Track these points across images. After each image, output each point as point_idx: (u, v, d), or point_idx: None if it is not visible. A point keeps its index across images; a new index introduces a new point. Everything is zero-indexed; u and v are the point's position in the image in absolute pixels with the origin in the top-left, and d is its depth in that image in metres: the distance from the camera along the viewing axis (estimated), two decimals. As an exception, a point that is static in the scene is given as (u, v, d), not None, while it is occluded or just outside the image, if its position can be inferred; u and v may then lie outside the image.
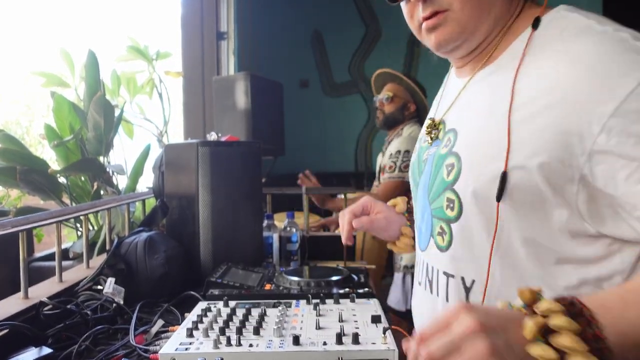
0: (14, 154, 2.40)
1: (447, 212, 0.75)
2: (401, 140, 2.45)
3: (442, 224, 0.77)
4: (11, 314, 1.02)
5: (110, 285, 1.14)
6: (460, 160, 0.73)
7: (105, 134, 2.58)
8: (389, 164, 2.43)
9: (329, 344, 0.86)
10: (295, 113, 3.24)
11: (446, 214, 0.75)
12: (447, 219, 0.76)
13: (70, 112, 2.61)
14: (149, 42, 3.34)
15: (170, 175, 1.53)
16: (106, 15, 7.61)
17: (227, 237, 1.43)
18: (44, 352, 0.91)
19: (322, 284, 1.24)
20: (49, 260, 2.32)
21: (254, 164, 1.53)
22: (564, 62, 0.64)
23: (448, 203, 0.75)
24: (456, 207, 0.73)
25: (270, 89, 2.16)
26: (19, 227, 1.12)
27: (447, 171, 0.75)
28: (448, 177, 0.75)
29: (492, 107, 0.71)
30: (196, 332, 0.92)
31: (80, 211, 1.44)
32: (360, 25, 4.56)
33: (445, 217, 0.76)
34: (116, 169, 2.75)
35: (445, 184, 0.75)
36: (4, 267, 1.79)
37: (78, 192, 2.62)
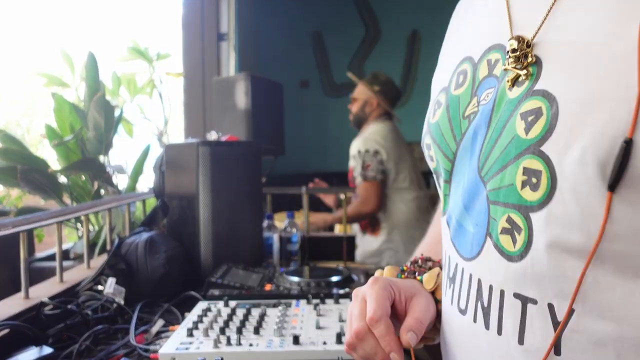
0: (14, 153, 2.40)
1: (525, 192, 0.45)
2: (360, 141, 2.47)
3: (513, 214, 0.47)
4: (12, 313, 1.02)
5: (111, 286, 1.14)
6: (555, 102, 0.43)
7: (105, 134, 2.58)
8: (355, 166, 2.46)
9: (328, 343, 0.87)
10: (295, 113, 3.25)
11: (522, 196, 0.46)
12: (523, 205, 0.46)
13: (71, 112, 2.61)
14: (150, 43, 3.35)
15: (170, 175, 1.53)
16: (107, 16, 7.62)
17: (227, 237, 1.43)
18: (44, 351, 0.91)
19: (322, 284, 1.24)
20: (49, 260, 2.32)
21: (254, 164, 1.53)
22: None
23: (527, 177, 0.45)
24: (543, 184, 0.43)
25: (270, 89, 2.16)
26: (20, 227, 1.13)
27: (525, 123, 0.45)
28: (528, 133, 0.45)
29: (617, 14, 0.42)
30: (196, 332, 0.92)
31: (80, 211, 1.44)
32: (360, 26, 4.57)
33: (520, 201, 0.46)
34: (116, 169, 2.75)
35: (522, 145, 0.45)
36: (5, 267, 1.79)
37: (79, 192, 2.62)
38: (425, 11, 4.44)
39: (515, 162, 0.46)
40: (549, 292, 0.45)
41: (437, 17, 5.30)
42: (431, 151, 0.61)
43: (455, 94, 0.57)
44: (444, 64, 0.63)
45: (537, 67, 0.46)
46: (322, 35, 4.56)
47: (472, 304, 0.53)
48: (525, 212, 0.46)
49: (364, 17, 4.56)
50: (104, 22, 8.28)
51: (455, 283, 0.56)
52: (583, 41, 0.43)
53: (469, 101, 0.54)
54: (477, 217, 0.52)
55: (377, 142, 2.41)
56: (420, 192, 2.48)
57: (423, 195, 2.49)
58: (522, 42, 0.48)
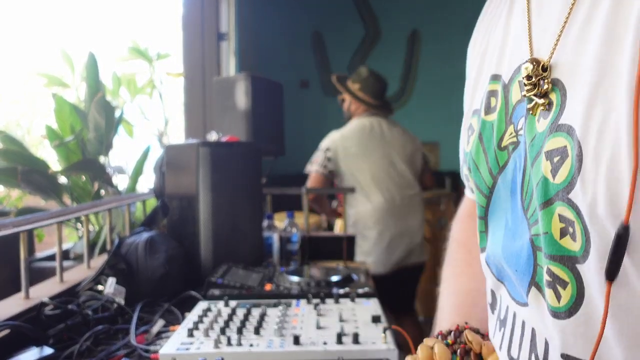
0: (15, 154, 2.40)
1: (565, 242, 0.39)
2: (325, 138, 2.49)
3: (554, 267, 0.40)
4: (12, 314, 1.02)
5: (111, 286, 1.14)
6: (577, 140, 0.37)
7: (105, 135, 2.59)
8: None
9: (329, 343, 0.87)
10: (295, 113, 3.25)
11: (562, 246, 0.39)
12: (566, 255, 0.39)
13: (71, 112, 2.62)
14: (150, 43, 3.35)
15: (170, 176, 1.53)
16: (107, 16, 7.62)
17: (227, 237, 1.43)
18: (45, 352, 0.91)
19: (322, 284, 1.24)
20: (50, 260, 2.32)
21: (254, 165, 1.53)
22: None
23: (563, 225, 0.39)
24: (579, 235, 0.38)
25: (270, 89, 2.16)
26: (20, 228, 1.13)
27: (550, 164, 0.39)
28: (556, 178, 0.39)
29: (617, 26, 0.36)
30: (197, 332, 0.93)
31: (81, 211, 1.45)
32: (360, 26, 4.57)
33: (562, 252, 0.39)
34: (117, 169, 2.76)
35: (551, 190, 0.39)
36: (5, 267, 1.79)
37: (79, 192, 2.63)
38: (425, 11, 4.45)
39: (548, 208, 0.40)
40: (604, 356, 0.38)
41: (437, 17, 5.33)
42: (470, 183, 0.55)
43: (488, 120, 0.50)
44: (472, 76, 0.56)
45: (560, 95, 0.39)
46: (322, 35, 4.56)
47: (525, 355, 0.47)
48: (569, 263, 0.39)
49: (364, 17, 4.56)
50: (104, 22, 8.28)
51: (506, 327, 0.50)
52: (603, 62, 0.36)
53: (504, 129, 0.47)
54: (517, 261, 0.45)
55: (333, 141, 2.42)
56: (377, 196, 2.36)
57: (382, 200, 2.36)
58: (537, 66, 0.41)
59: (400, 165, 2.44)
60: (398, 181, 2.43)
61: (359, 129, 2.43)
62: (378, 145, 2.43)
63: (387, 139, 2.45)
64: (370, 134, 2.43)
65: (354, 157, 2.39)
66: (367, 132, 2.43)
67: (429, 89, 4.50)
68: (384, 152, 2.42)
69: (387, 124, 2.48)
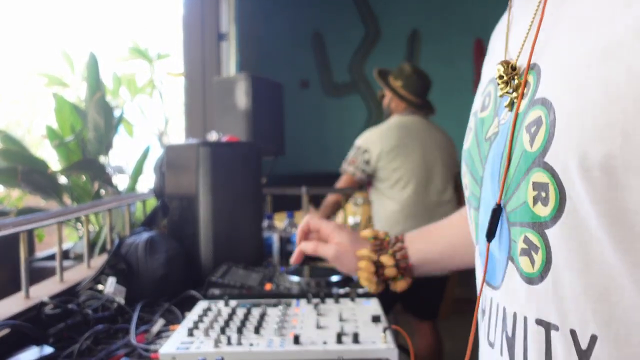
0: (15, 154, 2.41)
1: (537, 209, 0.42)
2: (363, 134, 2.43)
3: (529, 233, 0.44)
4: (13, 313, 1.02)
5: (111, 285, 1.14)
6: (552, 108, 0.41)
7: (105, 134, 2.59)
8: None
9: (329, 343, 0.87)
10: (295, 113, 3.25)
11: (535, 213, 0.43)
12: (537, 222, 0.43)
13: (71, 112, 2.62)
14: (150, 43, 3.36)
15: (171, 176, 1.53)
16: (107, 16, 7.63)
17: (227, 237, 1.44)
18: (45, 351, 0.91)
19: (322, 284, 1.24)
20: (50, 260, 2.33)
21: (254, 165, 1.53)
22: None
23: (537, 192, 0.42)
24: (552, 197, 0.41)
25: (270, 89, 2.17)
26: (20, 228, 1.13)
27: (529, 135, 0.43)
28: (533, 146, 0.43)
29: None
30: (197, 332, 0.93)
31: (81, 211, 1.45)
32: (360, 26, 4.57)
33: (534, 219, 0.43)
34: (117, 169, 2.76)
35: (529, 159, 0.43)
36: (5, 267, 1.80)
37: (79, 192, 2.63)
38: (425, 11, 4.45)
39: (526, 177, 0.43)
40: (570, 317, 0.41)
41: (437, 17, 5.34)
42: (465, 179, 0.59)
43: (481, 117, 0.56)
44: (479, 87, 0.61)
45: (536, 75, 0.45)
46: (322, 35, 4.56)
47: (499, 336, 0.50)
48: (540, 228, 0.43)
49: (364, 17, 4.57)
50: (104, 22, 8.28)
51: (485, 315, 0.54)
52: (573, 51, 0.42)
53: (491, 123, 0.53)
54: (500, 241, 0.49)
55: (372, 141, 2.37)
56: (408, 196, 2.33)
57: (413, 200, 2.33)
58: (507, 66, 0.48)
59: (437, 168, 2.37)
60: (432, 184, 2.37)
61: (399, 127, 2.38)
62: (417, 145, 2.36)
63: (426, 139, 2.38)
64: (410, 133, 2.37)
65: (393, 157, 2.33)
66: (407, 131, 2.37)
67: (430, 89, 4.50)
68: (422, 152, 2.35)
69: (427, 124, 2.43)
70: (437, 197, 2.38)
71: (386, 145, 2.34)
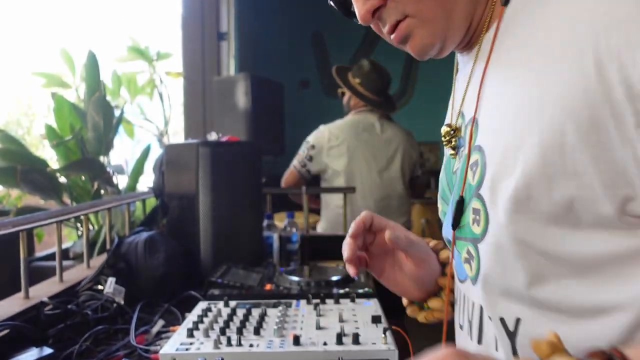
0: (14, 154, 2.40)
1: (474, 228, 0.57)
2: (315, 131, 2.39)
3: (469, 246, 0.59)
4: (12, 314, 1.02)
5: (110, 285, 1.14)
6: (484, 153, 0.56)
7: (105, 134, 2.59)
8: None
9: (329, 344, 0.86)
10: (295, 113, 3.24)
11: (472, 231, 0.58)
12: (473, 238, 0.58)
13: (71, 112, 2.62)
14: (150, 43, 3.35)
15: (170, 175, 1.53)
16: (107, 15, 7.62)
17: (227, 237, 1.43)
18: (44, 352, 0.91)
19: (322, 284, 1.24)
20: (49, 260, 2.32)
21: (254, 164, 1.53)
22: None
23: (474, 216, 0.57)
24: (482, 220, 0.55)
25: (270, 89, 2.16)
26: (20, 227, 1.12)
27: (472, 173, 0.58)
28: (473, 181, 0.57)
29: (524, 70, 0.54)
30: (197, 332, 0.92)
31: (80, 211, 1.44)
32: (360, 26, 4.56)
33: (471, 236, 0.58)
34: (116, 169, 2.76)
35: (471, 190, 0.58)
36: (5, 267, 1.79)
37: (78, 192, 2.63)
38: (425, 11, 4.45)
39: (469, 204, 0.59)
40: (497, 309, 0.56)
41: (437, 17, 5.24)
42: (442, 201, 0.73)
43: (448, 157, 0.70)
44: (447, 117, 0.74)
45: (477, 128, 0.59)
46: (322, 35, 4.56)
47: (465, 319, 0.65)
48: (474, 243, 0.58)
49: (364, 17, 4.56)
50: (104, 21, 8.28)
51: (457, 302, 0.68)
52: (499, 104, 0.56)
53: (454, 161, 0.68)
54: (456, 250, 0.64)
55: (320, 137, 2.33)
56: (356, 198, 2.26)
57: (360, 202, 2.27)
58: (450, 129, 0.66)
59: (387, 168, 2.33)
60: (381, 184, 2.32)
61: (350, 125, 2.33)
62: (367, 144, 2.32)
63: (379, 138, 2.33)
64: (361, 131, 2.32)
65: (338, 156, 2.29)
66: (358, 130, 2.32)
67: (429, 89, 4.49)
68: (372, 152, 2.31)
69: (384, 122, 2.37)
70: (389, 198, 2.34)
71: (333, 142, 2.30)
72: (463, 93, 0.65)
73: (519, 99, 0.52)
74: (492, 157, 0.54)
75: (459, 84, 0.68)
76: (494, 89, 0.58)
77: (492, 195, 0.53)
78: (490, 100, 0.58)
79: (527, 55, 0.53)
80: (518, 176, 0.50)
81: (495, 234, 0.53)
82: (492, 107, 0.57)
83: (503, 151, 0.52)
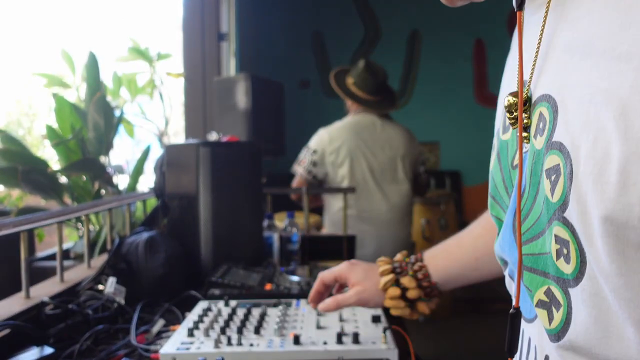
0: (15, 154, 2.41)
1: (560, 263, 0.39)
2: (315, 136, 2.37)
3: (553, 286, 0.40)
4: (13, 313, 1.02)
5: (111, 285, 1.14)
6: (569, 157, 0.36)
7: (105, 134, 2.59)
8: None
9: (329, 343, 0.87)
10: (295, 113, 3.25)
11: (557, 267, 0.39)
12: (558, 277, 0.39)
13: (71, 112, 2.62)
14: (150, 43, 3.36)
15: (171, 176, 1.53)
16: (107, 16, 7.63)
17: (227, 237, 1.44)
18: (45, 351, 0.91)
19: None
20: (50, 260, 2.33)
21: (254, 164, 1.53)
22: None
23: (559, 246, 0.38)
24: (573, 257, 0.37)
25: (270, 89, 2.17)
26: (21, 227, 1.13)
27: (549, 183, 0.39)
28: (553, 197, 0.38)
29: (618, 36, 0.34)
30: (197, 332, 0.93)
31: (81, 211, 1.45)
32: (360, 26, 4.57)
33: (556, 273, 0.39)
34: (117, 169, 2.76)
35: (551, 209, 0.39)
36: (6, 266, 1.80)
37: (79, 192, 2.63)
38: (425, 11, 4.45)
39: (549, 228, 0.39)
40: None
41: (437, 17, 5.32)
42: (490, 199, 0.55)
43: (504, 139, 0.51)
44: (500, 94, 0.53)
45: (552, 111, 0.39)
46: (322, 35, 4.56)
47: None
48: (562, 285, 0.39)
49: (364, 17, 4.57)
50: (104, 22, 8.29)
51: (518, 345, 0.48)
52: (602, 85, 0.35)
53: (515, 148, 0.47)
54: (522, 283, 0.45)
55: (321, 142, 2.31)
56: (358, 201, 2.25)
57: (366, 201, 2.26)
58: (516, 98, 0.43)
59: (388, 170, 2.31)
60: (383, 185, 2.30)
61: (349, 127, 2.32)
62: (367, 144, 2.30)
63: (379, 137, 2.31)
64: (361, 132, 2.30)
65: (340, 159, 2.28)
66: (358, 130, 2.30)
67: (429, 89, 4.50)
68: (372, 154, 2.29)
69: (382, 122, 2.34)
70: (389, 198, 2.31)
71: (334, 146, 2.29)
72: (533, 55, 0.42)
73: (633, 80, 0.32)
74: (582, 165, 0.35)
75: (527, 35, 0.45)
76: (585, 58, 0.37)
77: (584, 224, 0.35)
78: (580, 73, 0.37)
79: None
80: (630, 205, 0.32)
81: (596, 279, 0.35)
82: (582, 85, 0.36)
83: (603, 159, 0.33)
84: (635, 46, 0.33)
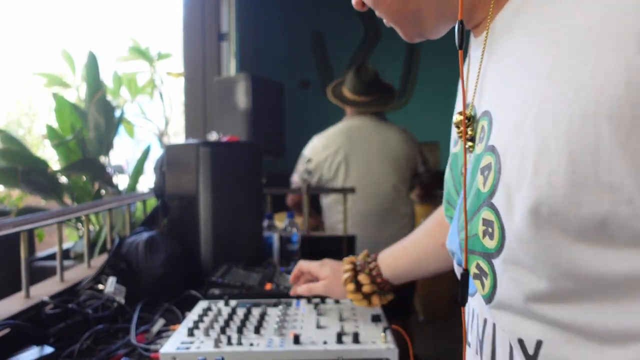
0: (15, 154, 2.41)
1: (485, 241, 0.49)
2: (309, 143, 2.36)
3: (480, 261, 0.51)
4: (13, 313, 1.02)
5: (111, 285, 1.14)
6: (498, 157, 0.47)
7: (105, 134, 2.59)
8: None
9: (329, 343, 0.87)
10: (295, 113, 3.25)
11: (483, 245, 0.50)
12: (485, 252, 0.50)
13: (72, 112, 2.62)
14: (151, 43, 3.36)
15: (171, 176, 1.53)
16: (108, 16, 7.63)
17: (227, 237, 1.44)
18: (45, 351, 0.91)
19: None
20: (50, 259, 2.33)
21: (254, 165, 1.53)
22: None
23: (485, 227, 0.49)
24: (496, 233, 0.47)
25: (270, 89, 2.17)
26: (21, 227, 1.13)
27: (483, 178, 0.49)
28: (484, 188, 0.49)
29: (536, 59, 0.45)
30: (197, 332, 0.93)
31: (81, 211, 1.45)
32: (360, 26, 4.57)
33: (482, 250, 0.50)
34: (117, 169, 2.76)
35: (481, 198, 0.49)
36: (6, 266, 1.80)
37: (79, 192, 2.63)
38: (425, 11, 4.45)
39: (478, 213, 0.50)
40: (515, 330, 0.49)
41: (437, 17, 5.26)
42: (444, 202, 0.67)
43: (454, 152, 0.63)
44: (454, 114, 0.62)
45: (489, 123, 0.50)
46: (322, 35, 4.56)
47: (474, 338, 0.58)
48: (488, 258, 0.50)
49: (364, 17, 4.56)
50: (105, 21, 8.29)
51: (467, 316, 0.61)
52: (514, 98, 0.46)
53: (462, 158, 0.59)
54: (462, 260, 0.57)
55: (314, 149, 2.31)
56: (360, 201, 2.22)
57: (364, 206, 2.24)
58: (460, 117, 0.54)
59: (384, 171, 2.28)
60: (381, 189, 2.27)
61: (342, 131, 2.30)
62: (363, 147, 2.27)
63: (373, 139, 2.28)
64: (354, 135, 2.28)
65: (336, 164, 2.27)
66: (351, 134, 2.28)
67: (429, 89, 4.50)
68: (367, 156, 2.27)
69: (377, 124, 2.31)
70: (387, 201, 2.28)
71: (328, 152, 2.27)
72: (475, 81, 0.55)
73: (543, 93, 0.43)
74: (508, 161, 0.45)
75: (471, 66, 0.58)
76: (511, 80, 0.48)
77: (507, 207, 0.45)
78: (508, 92, 0.48)
79: (551, 40, 0.44)
80: (541, 187, 0.42)
81: (513, 249, 0.46)
82: (509, 101, 0.47)
83: (522, 155, 0.44)
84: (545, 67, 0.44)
